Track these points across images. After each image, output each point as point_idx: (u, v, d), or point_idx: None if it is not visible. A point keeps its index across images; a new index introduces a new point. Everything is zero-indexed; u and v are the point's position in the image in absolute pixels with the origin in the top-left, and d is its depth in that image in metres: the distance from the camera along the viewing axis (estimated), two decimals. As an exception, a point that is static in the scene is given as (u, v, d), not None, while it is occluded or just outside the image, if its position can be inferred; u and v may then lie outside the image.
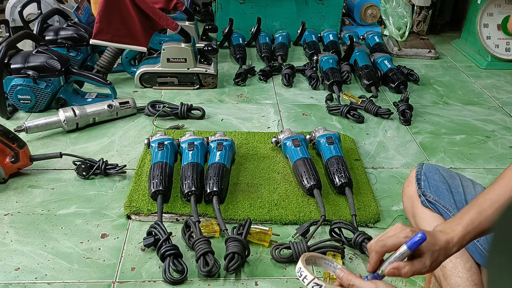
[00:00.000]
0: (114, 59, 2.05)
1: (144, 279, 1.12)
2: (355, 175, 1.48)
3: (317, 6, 2.64)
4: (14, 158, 1.41)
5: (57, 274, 1.13)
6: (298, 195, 1.39)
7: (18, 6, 2.19)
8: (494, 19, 2.50)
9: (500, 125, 1.89)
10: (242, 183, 1.43)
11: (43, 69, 1.75)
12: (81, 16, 2.38)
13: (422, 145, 1.71)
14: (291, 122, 1.84)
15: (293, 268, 1.16)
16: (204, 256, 1.13)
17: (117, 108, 1.77)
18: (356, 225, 1.26)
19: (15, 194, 1.39)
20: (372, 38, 2.53)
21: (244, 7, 2.60)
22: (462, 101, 2.09)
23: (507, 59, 2.47)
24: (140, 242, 1.21)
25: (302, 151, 1.47)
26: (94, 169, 1.44)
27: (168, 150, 1.46)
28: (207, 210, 1.31)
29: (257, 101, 1.99)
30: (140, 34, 1.87)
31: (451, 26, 3.03)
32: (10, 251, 1.18)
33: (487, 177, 1.55)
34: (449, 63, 2.52)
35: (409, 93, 1.99)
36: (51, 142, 1.65)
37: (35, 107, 1.81)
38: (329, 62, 2.15)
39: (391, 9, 2.56)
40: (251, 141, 1.64)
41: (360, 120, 1.84)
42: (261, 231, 1.22)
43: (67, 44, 2.04)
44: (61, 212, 1.32)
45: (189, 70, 2.02)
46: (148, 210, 1.31)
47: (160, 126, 1.75)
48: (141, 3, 1.82)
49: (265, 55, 2.34)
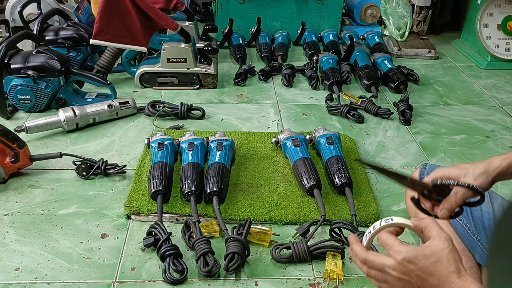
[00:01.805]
0: (114, 59, 2.05)
1: (144, 279, 1.12)
2: (355, 175, 1.48)
3: (317, 6, 2.64)
4: (14, 158, 1.41)
5: (57, 274, 1.13)
6: (298, 195, 1.39)
7: (18, 6, 2.18)
8: (494, 19, 2.50)
9: (500, 125, 1.89)
10: (242, 183, 1.43)
11: (43, 69, 1.75)
12: (81, 16, 2.38)
13: (422, 145, 1.71)
14: (291, 122, 1.84)
15: (293, 268, 1.16)
16: (204, 256, 1.13)
17: (117, 108, 1.77)
18: (356, 225, 1.26)
19: (15, 194, 1.39)
20: (372, 38, 2.53)
21: (244, 7, 2.60)
22: (462, 101, 2.09)
23: (507, 59, 2.47)
24: (140, 242, 1.21)
25: (302, 151, 1.47)
26: (94, 169, 1.44)
27: (168, 150, 1.46)
28: (207, 210, 1.31)
29: (257, 101, 1.99)
30: (140, 34, 1.87)
31: (451, 26, 3.03)
32: (10, 251, 1.18)
33: (487, 177, 1.55)
34: (449, 63, 2.52)
35: (409, 93, 1.99)
36: (51, 142, 1.65)
37: (35, 107, 1.81)
38: (329, 62, 2.15)
39: (391, 9, 2.56)
40: (251, 141, 1.64)
41: (360, 120, 1.84)
42: (261, 231, 1.22)
43: (67, 44, 2.04)
44: (61, 212, 1.32)
45: (189, 70, 2.02)
46: (148, 210, 1.31)
47: (160, 126, 1.75)
48: (141, 3, 1.82)
49: (265, 55, 2.34)
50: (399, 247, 0.71)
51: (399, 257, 0.70)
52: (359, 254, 0.75)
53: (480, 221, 1.02)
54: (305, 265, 1.17)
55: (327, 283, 1.12)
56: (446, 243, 0.69)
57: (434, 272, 0.68)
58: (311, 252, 1.16)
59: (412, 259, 0.69)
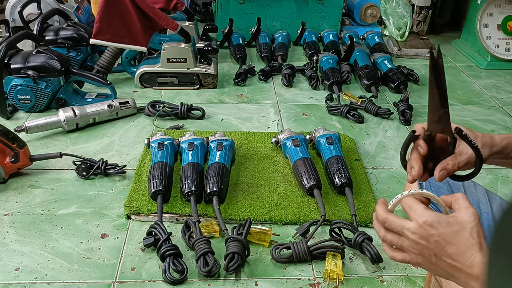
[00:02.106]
0: (114, 59, 2.05)
1: (144, 279, 1.12)
2: (355, 175, 1.48)
3: (317, 6, 2.64)
4: (14, 158, 1.41)
5: (57, 274, 1.13)
6: (298, 195, 1.39)
7: (18, 6, 2.18)
8: (494, 19, 2.50)
9: (500, 125, 1.89)
10: (242, 183, 1.43)
11: (43, 69, 1.75)
12: (81, 16, 2.38)
13: (422, 145, 1.71)
14: (291, 122, 1.84)
15: (293, 268, 1.16)
16: (204, 256, 1.13)
17: (117, 108, 1.77)
18: (356, 225, 1.26)
19: (15, 194, 1.39)
20: (372, 38, 2.53)
21: (244, 7, 2.60)
22: (462, 101, 2.09)
23: (507, 59, 2.47)
24: (140, 242, 1.21)
25: (302, 151, 1.47)
26: (94, 169, 1.44)
27: (168, 150, 1.46)
28: (207, 210, 1.31)
29: (257, 101, 1.99)
30: (140, 34, 1.87)
31: (451, 26, 3.03)
32: (10, 251, 1.18)
33: (487, 177, 1.55)
34: (449, 63, 2.52)
35: (409, 93, 1.99)
36: (51, 142, 1.65)
37: (35, 107, 1.81)
38: (329, 62, 2.15)
39: (391, 9, 2.56)
40: (251, 141, 1.65)
41: (360, 120, 1.84)
42: (261, 231, 1.22)
43: (67, 44, 2.04)
44: (61, 212, 1.32)
45: (189, 70, 2.02)
46: (148, 210, 1.31)
47: (160, 126, 1.75)
48: (141, 3, 1.82)
49: (265, 55, 2.34)
50: (422, 210, 0.68)
51: (421, 220, 0.67)
52: (380, 215, 0.72)
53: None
54: (305, 265, 1.17)
55: (327, 283, 1.12)
56: (472, 217, 0.66)
57: (454, 241, 0.65)
58: (311, 252, 1.16)
59: (434, 223, 0.66)
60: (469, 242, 0.64)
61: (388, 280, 1.15)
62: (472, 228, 0.65)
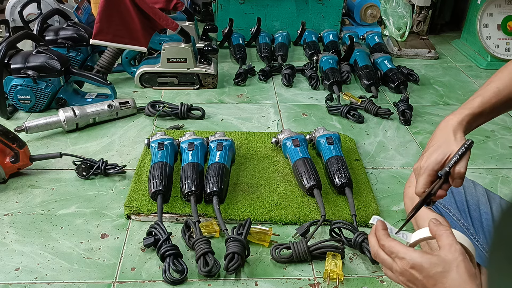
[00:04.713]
0: (114, 59, 2.05)
1: (144, 279, 1.12)
2: (355, 175, 1.48)
3: (317, 6, 2.64)
4: (14, 158, 1.41)
5: (57, 274, 1.13)
6: (298, 195, 1.39)
7: (18, 6, 2.19)
8: (494, 19, 2.50)
9: (500, 125, 1.89)
10: (242, 183, 1.43)
11: (43, 69, 1.75)
12: (81, 16, 2.38)
13: (422, 145, 1.71)
14: (291, 122, 1.84)
15: (293, 268, 1.16)
16: (204, 256, 1.13)
17: (117, 108, 1.77)
18: (356, 225, 1.26)
19: (15, 194, 1.39)
20: (372, 38, 2.53)
21: (244, 7, 2.60)
22: (462, 101, 2.07)
23: (507, 59, 2.46)
24: (140, 242, 1.21)
25: (302, 151, 1.47)
26: (94, 169, 1.44)
27: (168, 150, 1.46)
28: (207, 210, 1.31)
29: (257, 101, 1.99)
30: (140, 34, 1.87)
31: (451, 26, 3.03)
32: (10, 251, 1.18)
33: (487, 177, 1.55)
34: (449, 63, 2.52)
35: (409, 93, 1.99)
36: (51, 142, 1.65)
37: (35, 107, 1.81)
38: (329, 62, 2.15)
39: (391, 9, 2.56)
40: (251, 141, 1.65)
41: (360, 120, 1.84)
42: (261, 231, 1.22)
43: (67, 44, 2.04)
44: (61, 212, 1.32)
45: (189, 70, 2.02)
46: (148, 210, 1.31)
47: (160, 126, 1.75)
48: (141, 3, 1.82)
49: (265, 55, 2.34)
50: (405, 252, 0.69)
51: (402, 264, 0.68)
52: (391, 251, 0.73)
53: (478, 221, 1.02)
54: (305, 265, 1.17)
55: (327, 283, 1.12)
56: (455, 254, 0.65)
57: (440, 282, 0.64)
58: (311, 252, 1.16)
59: (416, 266, 0.66)
60: (457, 283, 0.63)
61: (388, 280, 1.14)
62: (458, 266, 0.64)
